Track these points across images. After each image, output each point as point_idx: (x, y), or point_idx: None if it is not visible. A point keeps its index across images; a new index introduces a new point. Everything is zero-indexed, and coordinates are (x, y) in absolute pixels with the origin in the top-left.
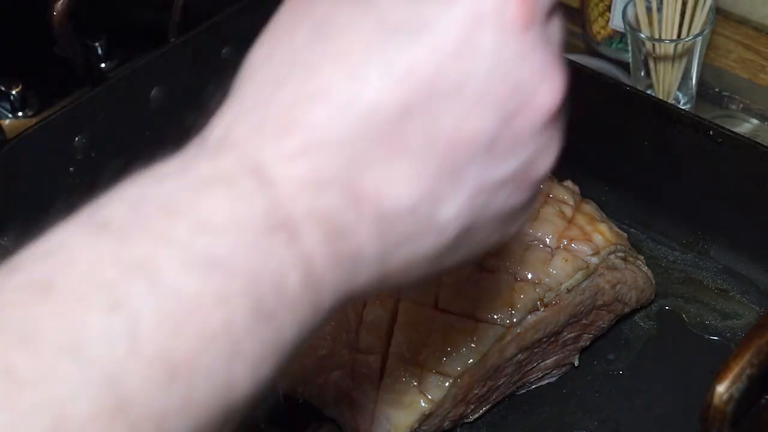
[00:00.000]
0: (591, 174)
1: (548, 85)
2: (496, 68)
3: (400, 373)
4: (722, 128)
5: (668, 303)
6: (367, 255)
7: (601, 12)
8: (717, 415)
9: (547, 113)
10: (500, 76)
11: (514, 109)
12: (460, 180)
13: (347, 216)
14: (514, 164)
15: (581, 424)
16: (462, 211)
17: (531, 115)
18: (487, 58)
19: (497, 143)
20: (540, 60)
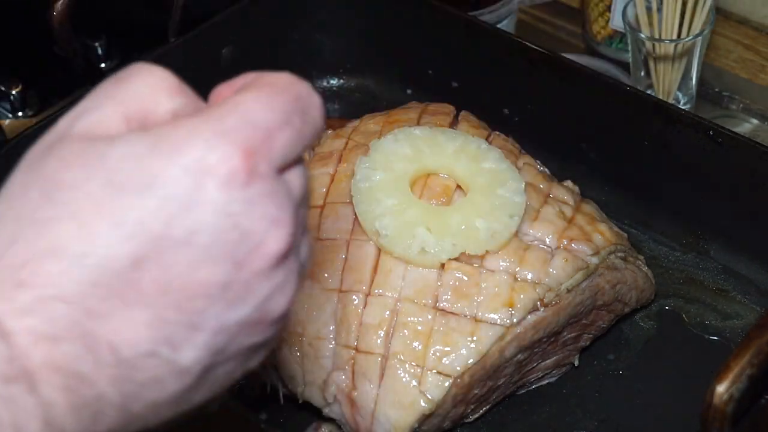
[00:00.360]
0: (591, 174)
1: (275, 233)
2: (222, 219)
3: (400, 373)
4: (722, 128)
5: (668, 303)
6: (108, 401)
7: (601, 12)
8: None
9: (274, 258)
10: (227, 227)
11: (244, 256)
12: (197, 325)
13: (85, 365)
14: (249, 307)
15: (581, 424)
16: (202, 353)
17: (259, 261)
18: (214, 210)
19: (230, 289)
20: (267, 210)
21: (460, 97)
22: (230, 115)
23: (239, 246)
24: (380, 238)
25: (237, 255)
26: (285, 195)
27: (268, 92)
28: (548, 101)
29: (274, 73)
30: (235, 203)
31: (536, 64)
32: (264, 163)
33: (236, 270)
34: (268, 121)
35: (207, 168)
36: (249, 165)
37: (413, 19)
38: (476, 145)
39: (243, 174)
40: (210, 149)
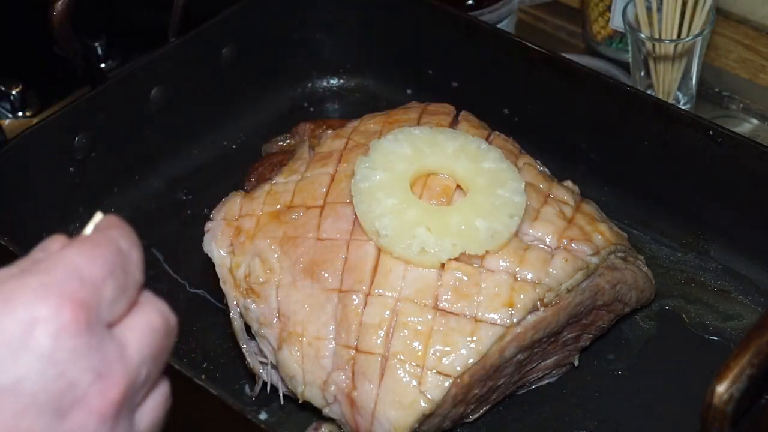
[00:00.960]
0: (591, 174)
1: (102, 385)
2: (49, 367)
3: (400, 373)
4: (722, 128)
5: (668, 303)
6: None
7: (601, 12)
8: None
9: (101, 412)
10: (53, 375)
11: (68, 406)
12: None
13: None
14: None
15: (581, 424)
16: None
17: (82, 415)
18: (42, 359)
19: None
20: (93, 362)
21: (460, 97)
22: (56, 267)
23: (64, 396)
24: (380, 238)
25: (62, 405)
26: (114, 350)
27: (90, 246)
28: (548, 101)
29: (97, 232)
30: (63, 352)
31: (536, 64)
32: (92, 315)
33: (59, 421)
34: (93, 274)
35: (37, 318)
36: (78, 316)
37: (413, 19)
38: (476, 145)
39: (73, 324)
40: (39, 301)
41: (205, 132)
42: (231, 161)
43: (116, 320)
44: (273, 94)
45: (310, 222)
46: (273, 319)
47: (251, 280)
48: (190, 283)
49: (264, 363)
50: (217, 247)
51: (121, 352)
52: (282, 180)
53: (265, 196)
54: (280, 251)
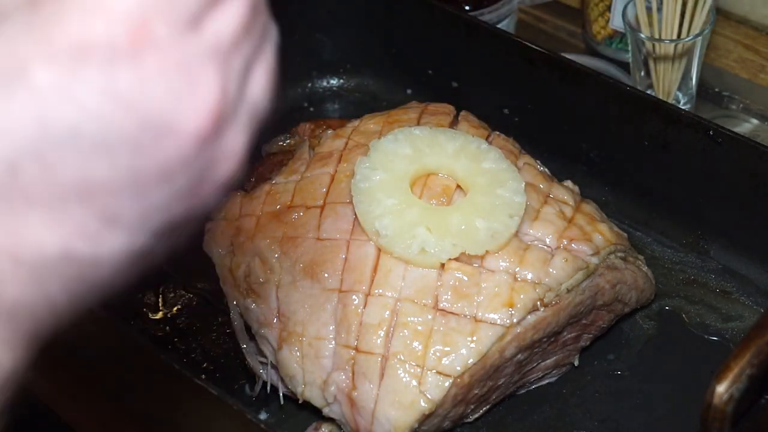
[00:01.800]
0: (591, 174)
1: (188, 108)
2: (110, 105)
3: (400, 373)
4: (722, 128)
5: (668, 303)
6: (31, 305)
7: (601, 12)
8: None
9: (193, 138)
10: (118, 114)
11: (149, 144)
12: (113, 217)
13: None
14: (172, 190)
15: (581, 424)
16: (130, 240)
17: (173, 146)
18: (97, 96)
19: (141, 179)
20: (171, 84)
21: (460, 97)
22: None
23: (140, 133)
24: (380, 238)
25: (139, 143)
26: (201, 56)
27: None
28: (548, 101)
29: None
30: (123, 83)
31: (536, 64)
32: (162, 25)
33: (142, 159)
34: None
35: (82, 48)
36: (137, 36)
37: (413, 19)
38: (476, 145)
39: (129, 49)
40: (83, 23)
41: None
42: None
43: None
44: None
45: (310, 222)
46: (273, 319)
47: (251, 280)
48: (190, 283)
49: (264, 363)
50: (217, 247)
51: (212, 49)
52: (282, 180)
53: (265, 196)
54: (280, 251)
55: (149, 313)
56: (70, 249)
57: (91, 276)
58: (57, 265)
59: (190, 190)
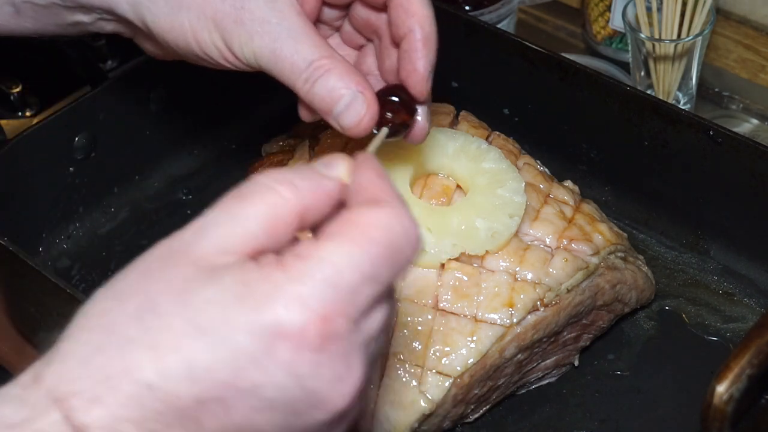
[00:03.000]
0: (591, 174)
1: (339, 391)
2: (288, 379)
3: (400, 373)
4: (722, 128)
5: (668, 303)
6: None
7: (601, 12)
8: (717, 415)
9: (334, 413)
10: (292, 386)
11: (304, 409)
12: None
13: None
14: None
15: (581, 424)
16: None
17: (319, 414)
18: (281, 370)
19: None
20: (335, 371)
21: (460, 97)
22: (313, 275)
23: (301, 401)
24: None
25: (297, 408)
26: (358, 348)
27: (359, 246)
28: (548, 101)
29: (370, 212)
30: (304, 366)
31: (536, 64)
32: (342, 321)
33: (294, 418)
34: (354, 282)
35: (281, 332)
36: (324, 330)
37: None
38: (476, 145)
39: (316, 339)
40: (287, 312)
41: (205, 132)
42: (231, 161)
43: (365, 314)
44: (273, 94)
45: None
46: None
47: None
48: None
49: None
50: None
51: (364, 344)
52: None
53: None
54: None
55: None
56: None
57: None
58: None
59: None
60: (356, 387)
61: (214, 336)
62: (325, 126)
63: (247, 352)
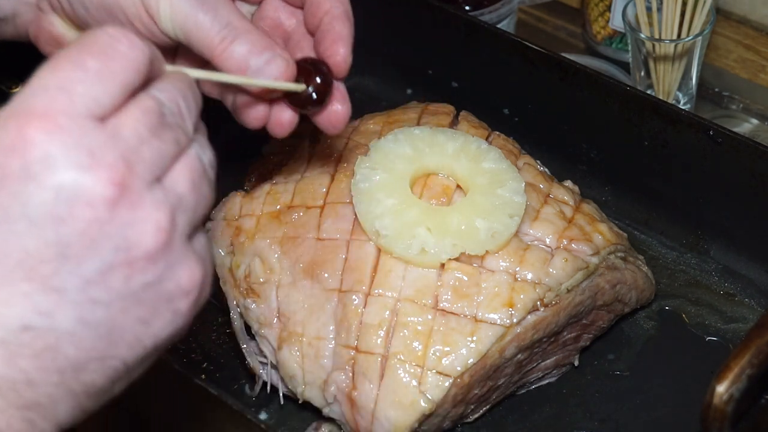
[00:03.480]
0: (591, 174)
1: (92, 177)
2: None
3: (400, 373)
4: (722, 128)
5: (669, 303)
6: (7, 379)
7: (601, 12)
8: (717, 415)
9: (101, 201)
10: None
11: (66, 211)
12: (58, 287)
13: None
14: (101, 255)
15: (581, 424)
16: (80, 312)
17: (87, 210)
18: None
19: (70, 245)
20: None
21: (460, 97)
22: None
23: (56, 203)
24: (380, 238)
25: (58, 212)
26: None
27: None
28: (548, 101)
29: None
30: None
31: (536, 64)
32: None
33: (64, 227)
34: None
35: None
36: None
37: (413, 19)
38: (476, 145)
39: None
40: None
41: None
42: (231, 161)
43: None
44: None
45: (310, 222)
46: (273, 319)
47: (251, 280)
48: None
49: (264, 363)
50: (217, 247)
51: (114, 138)
52: (282, 180)
53: (265, 196)
54: (280, 251)
55: None
56: (29, 322)
57: (57, 349)
58: (21, 338)
59: (120, 259)
60: (116, 176)
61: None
62: None
63: None
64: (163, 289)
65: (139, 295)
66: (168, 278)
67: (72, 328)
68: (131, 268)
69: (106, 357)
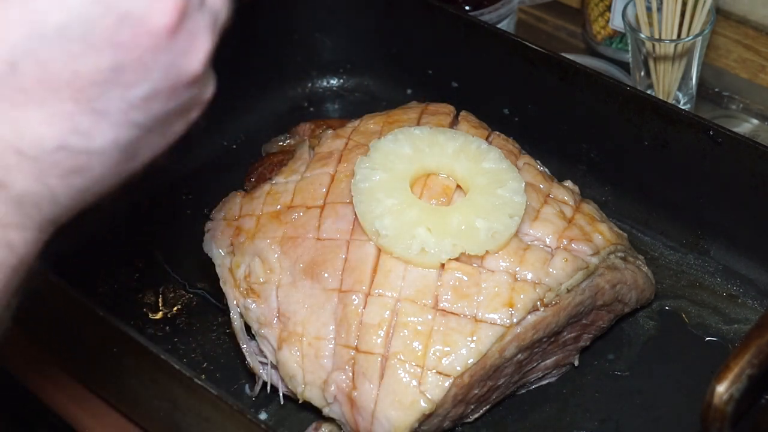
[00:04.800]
0: (591, 174)
1: (156, 6)
2: (91, 5)
3: (400, 373)
4: (722, 128)
5: (669, 303)
6: (35, 194)
7: (601, 12)
8: (717, 415)
9: (163, 31)
10: (99, 12)
11: (127, 38)
12: (101, 111)
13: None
14: (152, 81)
15: (581, 424)
16: (118, 134)
17: (147, 39)
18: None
19: (122, 70)
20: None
21: (460, 97)
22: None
23: (118, 29)
24: (380, 238)
25: (119, 38)
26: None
27: None
28: (548, 101)
29: None
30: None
31: (536, 64)
32: None
33: (122, 52)
34: None
35: None
36: None
37: (413, 19)
38: (476, 145)
39: None
40: None
41: (204, 132)
42: (231, 161)
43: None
44: (273, 94)
45: (310, 222)
46: (273, 319)
47: (251, 280)
48: (190, 283)
49: (264, 363)
50: (217, 247)
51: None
52: (282, 180)
53: (265, 196)
54: (280, 251)
55: (149, 313)
56: (65, 142)
57: (86, 169)
58: (55, 157)
59: (163, 89)
60: (171, 4)
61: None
62: (325, 126)
63: None
64: (188, 106)
65: (170, 115)
66: (197, 98)
67: (104, 149)
68: (174, 93)
69: (122, 172)
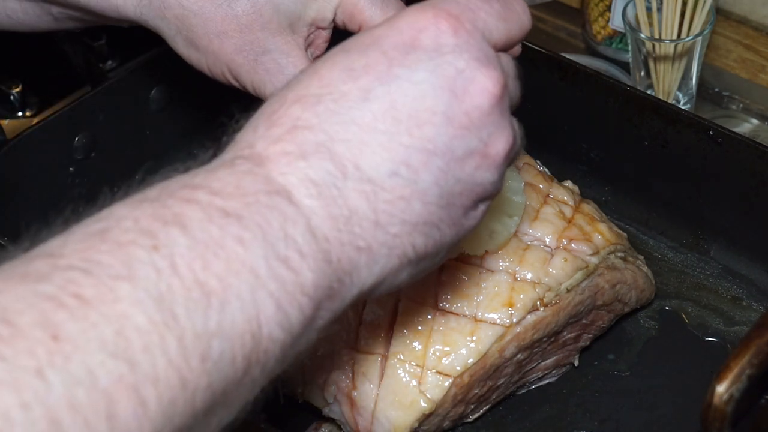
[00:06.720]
0: (591, 174)
1: (485, 71)
2: (437, 59)
3: (400, 373)
4: (722, 128)
5: (668, 303)
6: (362, 214)
7: (601, 12)
8: (717, 415)
9: (488, 94)
10: (442, 64)
11: (461, 89)
12: (430, 150)
13: (335, 179)
14: (474, 138)
15: (581, 424)
16: (438, 176)
17: (476, 96)
18: (428, 53)
19: (454, 118)
20: (474, 53)
21: None
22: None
23: (456, 80)
24: None
25: (455, 87)
26: (491, 52)
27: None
28: (548, 101)
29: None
30: (446, 47)
31: (536, 64)
32: (467, 22)
33: (456, 101)
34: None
35: (420, 27)
36: (454, 22)
37: None
38: None
39: (449, 27)
40: (420, 13)
41: (205, 132)
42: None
43: (497, 48)
44: None
45: None
46: None
47: None
48: None
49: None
50: None
51: (496, 59)
52: None
53: None
54: None
55: None
56: (396, 172)
57: (410, 202)
58: (387, 182)
59: (479, 152)
60: (500, 75)
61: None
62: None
63: (395, 47)
64: (487, 191)
65: (474, 187)
66: (495, 186)
67: (426, 188)
68: (483, 162)
69: (434, 224)
